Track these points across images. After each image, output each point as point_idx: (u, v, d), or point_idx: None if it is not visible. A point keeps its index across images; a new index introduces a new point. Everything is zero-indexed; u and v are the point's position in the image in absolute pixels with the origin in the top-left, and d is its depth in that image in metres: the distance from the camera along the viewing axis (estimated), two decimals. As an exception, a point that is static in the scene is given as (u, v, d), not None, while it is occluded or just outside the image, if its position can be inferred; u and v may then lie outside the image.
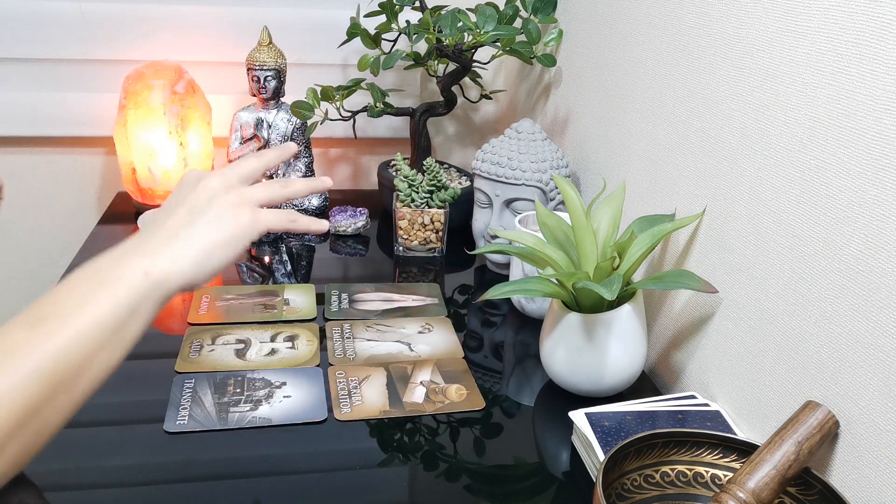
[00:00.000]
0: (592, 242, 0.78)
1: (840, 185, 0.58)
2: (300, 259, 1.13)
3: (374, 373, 0.83)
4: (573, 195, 0.80)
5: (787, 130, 0.64)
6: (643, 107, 0.90)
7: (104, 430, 0.73)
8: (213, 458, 0.70)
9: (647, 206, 0.90)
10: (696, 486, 0.63)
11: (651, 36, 0.88)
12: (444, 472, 0.70)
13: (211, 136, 1.27)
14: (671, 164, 0.84)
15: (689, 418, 0.71)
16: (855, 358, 0.57)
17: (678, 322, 0.83)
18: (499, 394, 0.82)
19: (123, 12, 1.26)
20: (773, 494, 0.55)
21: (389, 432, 0.75)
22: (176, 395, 0.77)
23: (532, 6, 1.11)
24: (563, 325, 0.77)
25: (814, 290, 0.61)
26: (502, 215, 1.05)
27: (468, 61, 1.14)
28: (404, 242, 1.14)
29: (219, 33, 1.30)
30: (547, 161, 1.03)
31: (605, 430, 0.69)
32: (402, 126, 1.39)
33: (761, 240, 0.68)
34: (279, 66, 1.22)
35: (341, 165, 1.49)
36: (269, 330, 0.91)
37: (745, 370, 0.71)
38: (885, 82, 0.53)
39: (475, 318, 0.98)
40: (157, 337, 0.90)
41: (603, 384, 0.78)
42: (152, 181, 1.22)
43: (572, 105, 1.14)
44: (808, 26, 0.61)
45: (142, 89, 1.18)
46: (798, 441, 0.57)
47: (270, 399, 0.78)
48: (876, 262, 0.55)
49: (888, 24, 0.53)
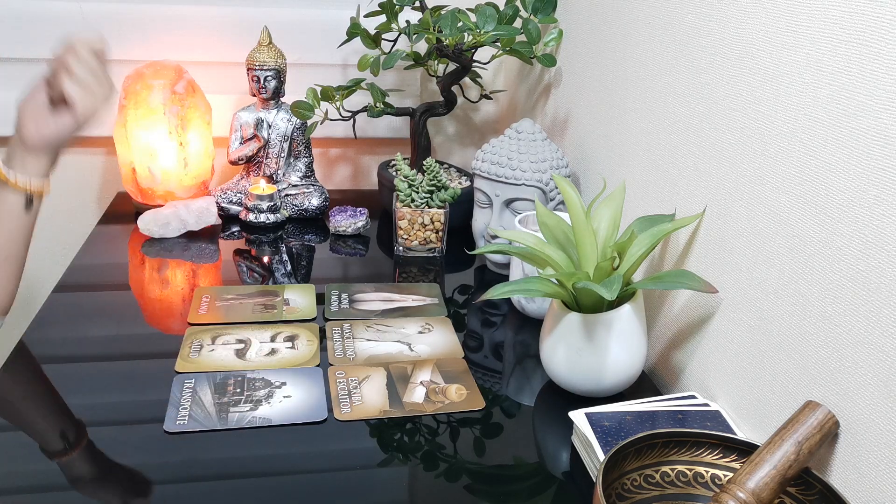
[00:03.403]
0: (592, 242, 0.78)
1: (840, 185, 0.58)
2: (300, 259, 1.13)
3: (374, 373, 0.83)
4: (573, 195, 0.80)
5: (787, 130, 0.64)
6: (643, 107, 0.90)
7: (104, 430, 0.73)
8: (213, 458, 0.70)
9: (647, 206, 0.90)
10: (696, 486, 0.63)
11: (651, 36, 0.88)
12: (444, 472, 0.70)
13: (211, 136, 1.27)
14: (671, 164, 0.84)
15: (689, 418, 0.71)
16: (855, 358, 0.57)
17: (678, 322, 0.83)
18: (499, 394, 0.82)
19: (123, 12, 1.26)
20: (773, 494, 0.55)
21: (389, 432, 0.75)
22: (176, 395, 0.77)
23: (532, 6, 1.11)
24: (563, 325, 0.77)
25: (814, 290, 0.61)
26: (502, 215, 1.05)
27: (468, 61, 1.14)
28: (404, 242, 1.14)
29: (219, 33, 1.30)
30: (547, 161, 1.03)
31: (605, 430, 0.69)
32: (402, 126, 1.40)
33: (761, 240, 0.68)
34: (279, 66, 1.22)
35: (341, 165, 1.49)
36: (269, 330, 0.91)
37: (745, 370, 0.71)
38: (885, 82, 0.53)
39: (475, 318, 0.98)
40: (157, 337, 0.90)
41: (603, 384, 0.78)
42: (152, 181, 1.22)
43: (572, 105, 1.14)
44: (808, 26, 0.61)
45: (142, 89, 1.18)
46: (798, 441, 0.57)
47: (270, 399, 0.78)
48: (876, 262, 0.55)
49: (888, 24, 0.53)
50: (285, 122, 1.25)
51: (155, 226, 1.15)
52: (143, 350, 0.87)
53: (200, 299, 0.97)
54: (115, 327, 0.91)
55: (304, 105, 1.17)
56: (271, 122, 1.25)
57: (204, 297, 0.98)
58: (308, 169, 1.29)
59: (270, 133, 1.25)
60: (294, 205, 1.25)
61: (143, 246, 1.13)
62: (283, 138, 1.26)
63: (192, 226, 1.17)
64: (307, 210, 1.25)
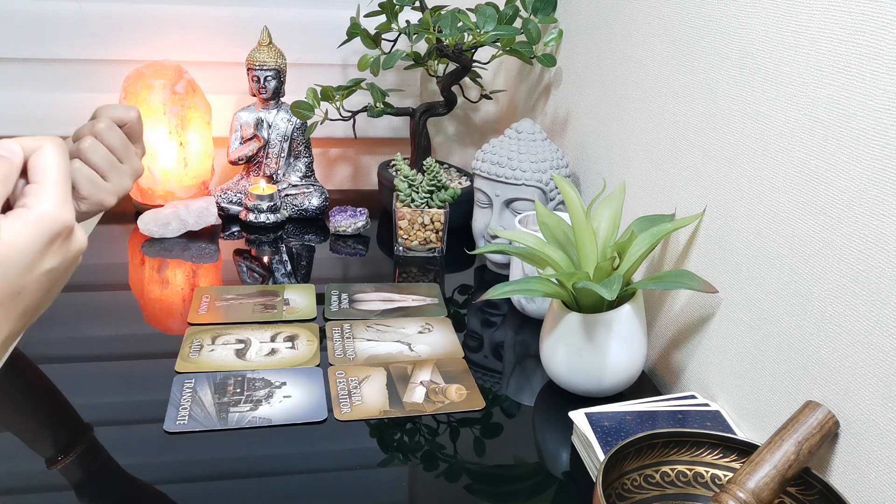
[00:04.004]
0: (592, 242, 0.78)
1: (840, 185, 0.58)
2: (300, 259, 1.13)
3: (374, 373, 0.83)
4: (573, 195, 0.80)
5: (787, 130, 0.64)
6: (643, 107, 0.90)
7: (104, 430, 0.73)
8: (213, 458, 0.70)
9: (647, 206, 0.90)
10: (696, 486, 0.63)
11: (651, 36, 0.88)
12: (444, 472, 0.70)
13: (211, 136, 1.27)
14: (671, 164, 0.84)
15: (689, 418, 0.71)
16: (855, 358, 0.57)
17: (678, 322, 0.83)
18: (499, 394, 0.82)
19: (123, 12, 1.26)
20: (773, 494, 0.55)
21: (389, 432, 0.75)
22: (176, 395, 0.77)
23: (532, 6, 1.11)
24: (563, 325, 0.77)
25: (814, 290, 0.61)
26: (502, 215, 1.05)
27: (468, 61, 1.14)
28: (404, 242, 1.14)
29: (219, 33, 1.30)
30: (547, 161, 1.03)
31: (605, 430, 0.69)
32: (402, 126, 1.39)
33: (761, 240, 0.68)
34: (279, 66, 1.22)
35: (341, 165, 1.49)
36: (269, 330, 0.91)
37: (745, 370, 0.71)
38: (885, 82, 0.53)
39: (475, 318, 0.98)
40: (157, 337, 0.90)
41: (603, 384, 0.78)
42: (152, 181, 1.22)
43: (572, 105, 1.14)
44: (808, 26, 0.61)
45: (142, 89, 1.18)
46: (798, 441, 0.57)
47: (270, 399, 0.78)
48: (876, 262, 0.55)
49: (888, 24, 0.53)
50: (285, 122, 1.25)
51: (155, 226, 1.15)
52: (143, 350, 0.87)
53: (200, 299, 0.97)
54: (115, 327, 0.91)
55: (304, 105, 1.17)
56: (271, 122, 1.25)
57: (204, 297, 0.98)
58: (308, 169, 1.29)
59: (270, 133, 1.25)
60: (294, 205, 1.25)
61: (143, 246, 1.13)
62: (283, 138, 1.26)
63: (192, 226, 1.17)
64: (307, 210, 1.25)
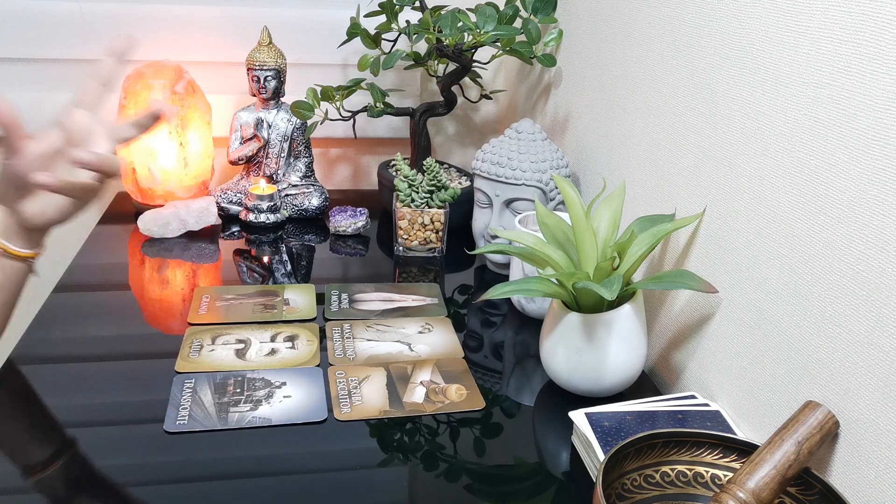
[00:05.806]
0: (592, 242, 0.78)
1: (840, 185, 0.58)
2: (300, 259, 1.13)
3: (374, 373, 0.83)
4: (573, 195, 0.80)
5: (787, 130, 0.64)
6: (643, 107, 0.90)
7: (104, 430, 0.73)
8: (213, 458, 0.70)
9: (647, 206, 0.90)
10: (696, 486, 0.63)
11: (651, 36, 0.88)
12: (444, 472, 0.70)
13: (211, 136, 1.27)
14: (671, 164, 0.84)
15: (689, 418, 0.71)
16: (855, 358, 0.57)
17: (678, 322, 0.83)
18: (499, 394, 0.82)
19: (123, 12, 1.26)
20: (773, 494, 0.55)
21: (389, 432, 0.75)
22: (176, 395, 0.77)
23: (532, 6, 1.11)
24: (563, 325, 0.77)
25: (814, 290, 0.61)
26: (502, 215, 1.05)
27: (468, 61, 1.14)
28: (404, 242, 1.14)
29: (219, 33, 1.30)
30: (547, 161, 1.03)
31: (605, 430, 0.69)
32: (402, 126, 1.39)
33: (761, 240, 0.68)
34: (279, 66, 1.22)
35: (341, 165, 1.49)
36: (269, 330, 0.91)
37: (745, 370, 0.71)
38: (885, 82, 0.53)
39: (475, 318, 0.98)
40: (157, 337, 0.90)
41: (603, 384, 0.78)
42: (152, 181, 1.22)
43: (572, 105, 1.14)
44: (808, 26, 0.61)
45: (142, 89, 1.18)
46: (798, 441, 0.57)
47: (270, 399, 0.78)
48: (876, 262, 0.55)
49: (888, 24, 0.53)
50: (285, 122, 1.25)
51: (155, 226, 1.15)
52: (143, 350, 0.87)
53: (200, 299, 0.97)
54: (115, 327, 0.91)
55: (304, 105, 1.17)
56: (271, 122, 1.25)
57: (204, 297, 0.98)
58: (308, 169, 1.29)
59: (270, 133, 1.25)
60: (294, 205, 1.25)
61: (143, 246, 1.13)
62: (283, 138, 1.26)
63: (192, 226, 1.17)
64: (307, 210, 1.25)
